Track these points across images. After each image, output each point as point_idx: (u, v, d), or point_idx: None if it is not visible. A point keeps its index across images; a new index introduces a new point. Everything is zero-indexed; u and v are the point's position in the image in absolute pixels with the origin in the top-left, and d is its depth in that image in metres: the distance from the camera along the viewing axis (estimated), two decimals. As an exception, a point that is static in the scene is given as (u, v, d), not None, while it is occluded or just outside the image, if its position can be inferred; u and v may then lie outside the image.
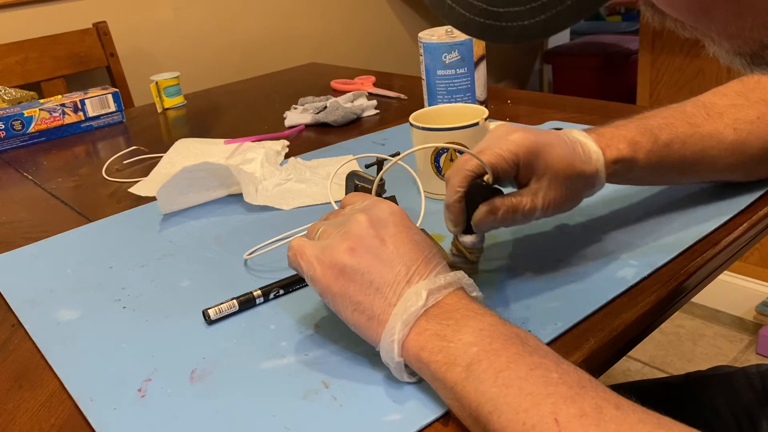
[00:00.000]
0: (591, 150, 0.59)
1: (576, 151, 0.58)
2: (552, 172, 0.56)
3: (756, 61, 0.34)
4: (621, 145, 0.60)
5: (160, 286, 0.65)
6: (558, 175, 0.56)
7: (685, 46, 1.66)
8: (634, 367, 1.74)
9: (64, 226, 0.82)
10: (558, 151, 0.56)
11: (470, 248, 0.57)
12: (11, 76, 1.51)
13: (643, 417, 0.37)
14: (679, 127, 0.62)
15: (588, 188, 0.60)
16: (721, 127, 0.63)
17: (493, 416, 0.39)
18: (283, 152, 0.98)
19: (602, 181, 0.60)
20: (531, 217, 0.57)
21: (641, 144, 0.60)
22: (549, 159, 0.56)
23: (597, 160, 0.58)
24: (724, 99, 0.65)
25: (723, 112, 0.64)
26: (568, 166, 0.57)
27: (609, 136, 0.60)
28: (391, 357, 0.46)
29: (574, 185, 0.58)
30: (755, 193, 0.67)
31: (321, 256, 0.49)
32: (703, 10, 0.32)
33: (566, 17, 0.31)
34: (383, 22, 2.22)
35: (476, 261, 0.58)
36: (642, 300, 0.54)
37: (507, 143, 0.56)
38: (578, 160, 0.57)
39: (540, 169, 0.56)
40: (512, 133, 0.57)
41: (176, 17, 1.81)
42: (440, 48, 0.94)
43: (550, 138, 0.57)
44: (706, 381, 0.77)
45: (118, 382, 0.52)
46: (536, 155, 0.56)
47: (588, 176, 0.58)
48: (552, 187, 0.56)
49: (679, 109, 0.65)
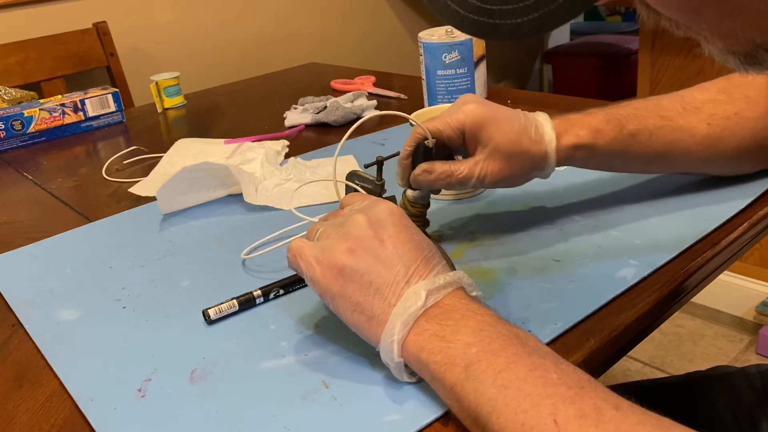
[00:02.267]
0: (544, 132, 0.61)
1: (527, 130, 0.60)
2: (494, 145, 0.59)
3: (749, 61, 0.34)
4: (582, 131, 0.62)
5: (160, 286, 0.65)
6: (500, 149, 0.59)
7: (685, 46, 1.66)
8: (634, 367, 1.74)
9: (64, 226, 0.82)
10: (506, 127, 0.59)
11: (412, 201, 0.63)
12: (11, 76, 1.51)
13: (643, 418, 0.37)
14: (648, 119, 0.64)
15: (536, 169, 0.62)
16: (694, 122, 0.64)
17: (492, 417, 0.39)
18: (283, 152, 0.98)
19: (552, 164, 0.62)
20: (466, 185, 0.61)
21: (604, 132, 0.62)
22: (494, 132, 0.59)
23: (549, 143, 0.61)
24: (704, 94, 0.66)
25: (700, 106, 0.65)
26: (512, 142, 0.59)
27: (572, 122, 0.63)
28: (390, 357, 0.46)
29: (517, 162, 0.60)
30: (755, 194, 0.67)
31: (320, 257, 0.49)
32: (694, 10, 0.32)
33: (558, 15, 0.32)
34: (383, 22, 2.22)
35: (420, 215, 0.63)
36: (642, 300, 0.54)
37: (458, 113, 0.60)
38: (527, 138, 0.60)
39: (483, 140, 0.60)
40: (467, 103, 0.61)
41: (176, 17, 1.81)
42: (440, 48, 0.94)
43: (503, 113, 0.60)
44: (706, 381, 0.77)
45: (118, 382, 0.52)
46: (482, 127, 0.59)
47: (534, 156, 0.61)
48: (492, 160, 0.60)
49: (654, 102, 0.66)
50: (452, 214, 0.72)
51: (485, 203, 0.75)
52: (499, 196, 0.75)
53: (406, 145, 0.61)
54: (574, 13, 0.32)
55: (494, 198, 0.75)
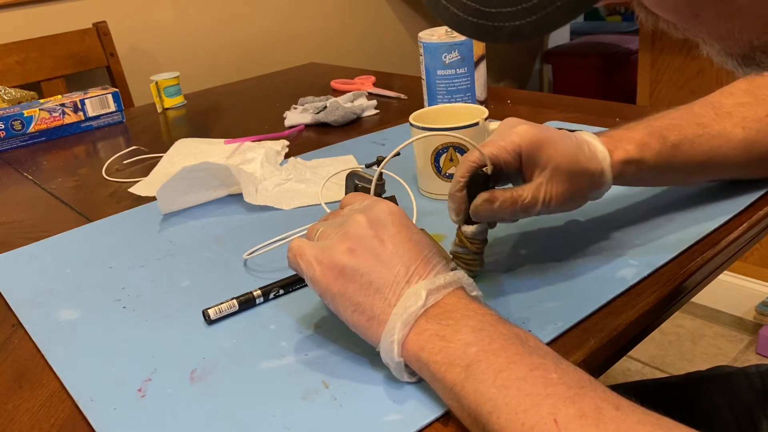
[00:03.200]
0: (597, 149, 0.59)
1: (581, 148, 0.58)
2: (554, 165, 0.56)
3: (747, 62, 0.34)
4: (629, 146, 0.60)
5: (160, 286, 0.65)
6: (561, 170, 0.56)
7: (685, 47, 1.66)
8: (634, 367, 1.74)
9: (64, 226, 0.82)
10: (562, 147, 0.57)
11: (470, 238, 0.57)
12: (11, 76, 1.51)
13: (643, 417, 0.37)
14: (687, 128, 0.63)
15: (594, 188, 0.60)
16: (729, 127, 0.63)
17: (492, 417, 0.39)
18: (283, 152, 0.98)
19: (609, 182, 0.60)
20: (532, 211, 0.57)
21: (650, 145, 0.61)
22: (552, 153, 0.56)
23: (603, 159, 0.59)
24: (731, 98, 0.65)
25: (731, 111, 0.64)
26: (571, 162, 0.57)
27: (617, 138, 0.61)
28: (390, 357, 0.46)
29: (577, 182, 0.58)
30: (755, 193, 0.67)
31: (320, 257, 0.49)
32: (692, 13, 0.32)
33: (557, 18, 0.32)
34: (383, 22, 2.22)
35: (478, 252, 0.58)
36: (642, 300, 0.54)
37: (511, 135, 0.57)
38: (583, 157, 0.58)
39: (543, 162, 0.56)
40: (518, 125, 0.58)
41: (176, 17, 1.81)
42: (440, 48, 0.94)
43: (555, 134, 0.58)
44: (706, 381, 0.77)
45: (118, 382, 0.52)
46: (539, 148, 0.56)
47: (593, 174, 0.58)
48: (554, 182, 0.56)
49: (687, 110, 0.65)
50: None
51: (485, 203, 0.74)
52: (499, 196, 0.75)
53: (459, 176, 0.56)
54: (573, 15, 0.32)
55: (494, 198, 0.75)
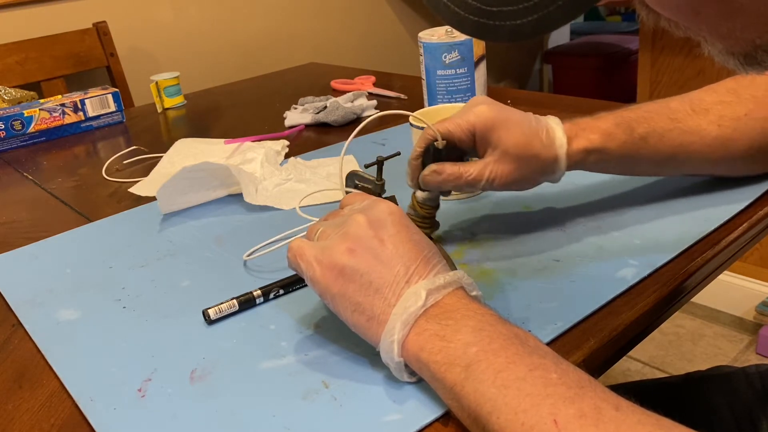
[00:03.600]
0: (555, 136, 0.61)
1: (538, 134, 0.60)
2: (504, 148, 0.59)
3: (749, 61, 0.34)
4: (593, 135, 0.62)
5: (160, 286, 0.65)
6: (510, 153, 0.59)
7: (686, 47, 1.66)
8: (634, 367, 1.74)
9: (64, 226, 0.82)
10: (516, 130, 0.59)
11: (420, 202, 0.62)
12: (11, 76, 1.51)
13: (642, 418, 0.37)
14: (658, 122, 0.64)
15: (546, 173, 0.62)
16: (704, 124, 0.64)
17: (492, 417, 0.39)
18: (283, 152, 0.98)
19: (562, 169, 0.62)
20: (476, 186, 0.61)
21: (615, 135, 0.62)
22: (504, 135, 0.59)
23: (560, 147, 0.61)
24: (713, 96, 0.66)
25: (709, 108, 0.65)
26: (523, 146, 0.59)
27: (583, 126, 0.62)
28: (390, 357, 0.46)
29: (527, 166, 0.60)
30: (755, 193, 0.67)
31: (320, 257, 0.49)
32: (693, 11, 0.32)
33: (557, 17, 0.32)
34: (383, 22, 2.22)
35: (428, 217, 0.63)
36: (642, 300, 0.54)
37: (468, 114, 0.60)
38: (537, 142, 0.60)
39: (493, 143, 0.59)
40: (478, 105, 0.61)
41: (176, 17, 1.81)
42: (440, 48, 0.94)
43: (514, 116, 0.60)
44: (706, 381, 0.77)
45: (118, 382, 0.52)
46: (492, 129, 0.59)
47: (545, 160, 0.60)
48: (501, 163, 0.60)
49: (663, 104, 0.66)
50: (452, 214, 0.72)
51: (486, 203, 0.75)
52: (499, 197, 0.75)
53: (417, 146, 0.61)
54: (574, 15, 0.32)
55: (495, 198, 0.75)
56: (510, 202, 0.73)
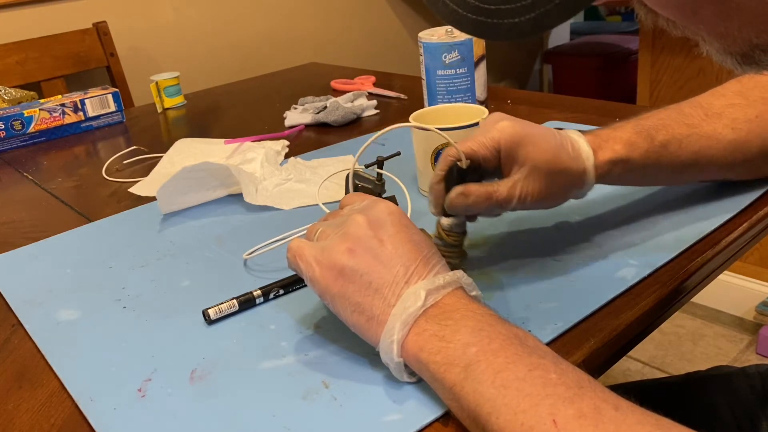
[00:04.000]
0: (581, 148, 0.59)
1: (564, 147, 0.58)
2: (533, 163, 0.56)
3: (746, 61, 0.34)
4: (617, 146, 0.60)
5: (160, 286, 0.65)
6: (539, 168, 0.56)
7: (686, 46, 1.66)
8: (634, 367, 1.74)
9: (64, 226, 0.82)
10: (543, 144, 0.56)
11: (446, 230, 0.58)
12: (11, 76, 1.51)
13: (642, 418, 0.37)
14: (675, 128, 0.63)
15: (575, 187, 0.60)
16: (719, 128, 0.63)
17: (491, 417, 0.39)
18: (283, 152, 0.98)
19: (591, 181, 0.60)
20: (507, 207, 0.57)
21: (637, 144, 0.61)
22: (532, 150, 0.56)
23: (587, 159, 0.58)
24: (722, 99, 0.65)
25: (721, 112, 0.64)
26: (551, 160, 0.56)
27: (604, 137, 0.61)
28: (390, 357, 0.46)
29: (557, 181, 0.58)
30: (755, 193, 0.67)
31: (320, 258, 0.49)
32: (691, 10, 0.32)
33: (556, 15, 0.32)
34: (383, 22, 2.22)
35: (456, 245, 0.58)
36: (642, 300, 0.54)
37: (491, 131, 0.57)
38: (565, 155, 0.57)
39: (521, 159, 0.56)
40: (500, 121, 0.58)
41: (176, 17, 1.81)
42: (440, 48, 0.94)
43: (538, 131, 0.58)
44: (706, 381, 0.77)
45: (118, 382, 0.52)
46: (518, 145, 0.56)
47: (574, 173, 0.58)
48: (531, 179, 0.56)
49: (676, 110, 0.65)
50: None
51: (485, 203, 0.74)
52: (499, 196, 0.75)
53: (438, 169, 0.57)
54: (572, 13, 0.32)
55: (494, 198, 0.75)
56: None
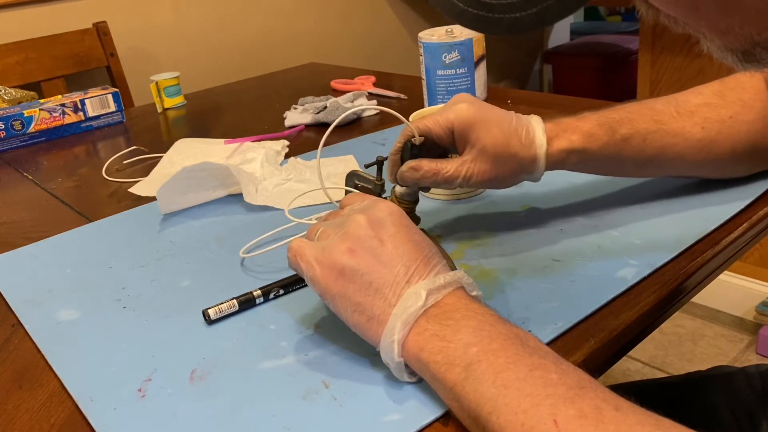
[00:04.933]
0: (535, 136, 0.61)
1: (518, 133, 0.60)
2: (482, 146, 0.59)
3: (747, 58, 0.34)
4: (574, 136, 0.62)
5: (160, 286, 0.65)
6: (487, 151, 0.60)
7: (686, 46, 1.66)
8: (634, 367, 1.74)
9: (64, 226, 0.82)
10: (495, 129, 0.59)
11: (398, 197, 0.64)
12: (11, 76, 1.51)
13: (642, 418, 0.37)
14: (641, 123, 0.64)
15: (524, 172, 0.62)
16: (689, 126, 0.64)
17: (492, 417, 0.39)
18: (283, 152, 0.98)
19: (541, 168, 0.62)
20: (452, 183, 0.61)
21: (597, 136, 0.62)
22: (482, 134, 0.59)
23: (539, 147, 0.61)
24: (698, 97, 0.66)
25: (694, 110, 0.65)
26: (500, 144, 0.60)
27: (564, 127, 0.63)
28: (391, 357, 0.46)
29: (504, 165, 0.60)
30: (755, 193, 0.67)
31: (320, 257, 0.49)
32: (692, 7, 0.32)
33: (556, 10, 0.32)
34: (383, 22, 2.22)
35: (408, 211, 0.63)
36: (642, 300, 0.54)
37: (448, 112, 0.61)
38: (516, 142, 0.60)
39: (472, 141, 0.60)
40: (458, 103, 0.61)
41: (176, 17, 1.81)
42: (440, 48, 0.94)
43: (495, 115, 0.61)
44: (706, 381, 0.77)
45: (118, 382, 0.52)
46: (471, 127, 0.59)
47: (523, 159, 0.61)
48: (479, 161, 0.60)
49: (647, 105, 0.66)
50: (452, 214, 0.73)
51: (485, 203, 0.75)
52: (499, 196, 0.75)
53: (397, 142, 0.62)
54: (573, 8, 0.32)
55: (494, 198, 0.75)
56: (510, 202, 0.73)
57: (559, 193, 0.74)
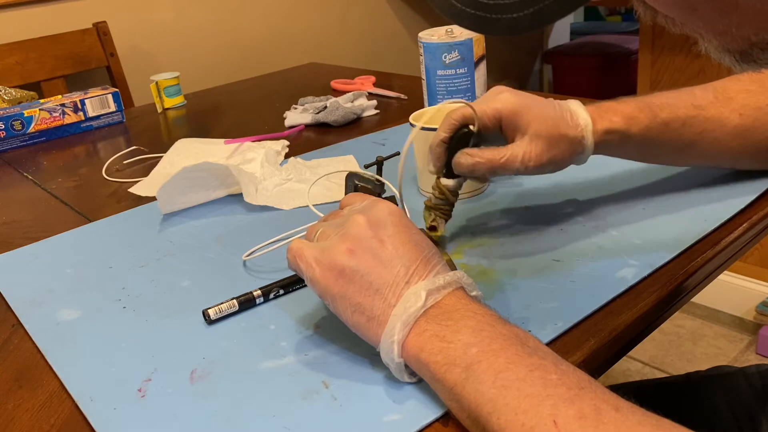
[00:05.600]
0: (579, 116, 0.61)
1: (563, 116, 0.61)
2: (534, 130, 0.59)
3: (745, 59, 0.34)
4: (615, 117, 0.62)
5: (160, 286, 0.65)
6: (540, 134, 0.59)
7: (686, 46, 1.66)
8: (634, 367, 1.74)
9: (64, 226, 0.82)
10: (541, 113, 0.60)
11: (452, 190, 0.62)
12: (11, 76, 1.51)
13: (642, 419, 0.37)
14: (681, 108, 0.64)
15: (574, 153, 0.62)
16: (726, 112, 0.64)
17: (492, 417, 0.39)
18: (283, 152, 0.98)
19: (589, 148, 0.62)
20: (510, 169, 0.60)
21: (638, 119, 0.63)
22: (532, 119, 0.59)
23: (585, 127, 0.61)
24: (737, 84, 0.66)
25: (733, 96, 0.65)
26: (551, 126, 0.60)
27: (605, 109, 0.63)
28: (391, 358, 0.46)
29: (556, 146, 0.60)
30: (755, 193, 0.67)
31: (320, 258, 0.49)
32: (689, 7, 0.32)
33: (555, 10, 0.32)
34: (383, 22, 2.22)
35: (453, 204, 0.63)
36: (642, 300, 0.54)
37: (493, 101, 0.60)
38: (563, 123, 0.60)
39: (522, 127, 0.60)
40: (501, 93, 0.61)
41: (176, 17, 1.81)
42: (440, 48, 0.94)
43: (537, 101, 0.61)
44: (706, 381, 0.77)
45: (118, 382, 0.52)
46: (519, 114, 0.60)
47: (572, 140, 0.61)
48: (533, 144, 0.60)
49: (686, 92, 0.66)
50: (453, 214, 0.72)
51: (485, 203, 0.75)
52: (499, 196, 0.75)
53: (441, 131, 0.60)
54: (570, 8, 0.32)
55: (494, 198, 0.75)
56: (510, 202, 0.73)
57: (560, 193, 0.74)
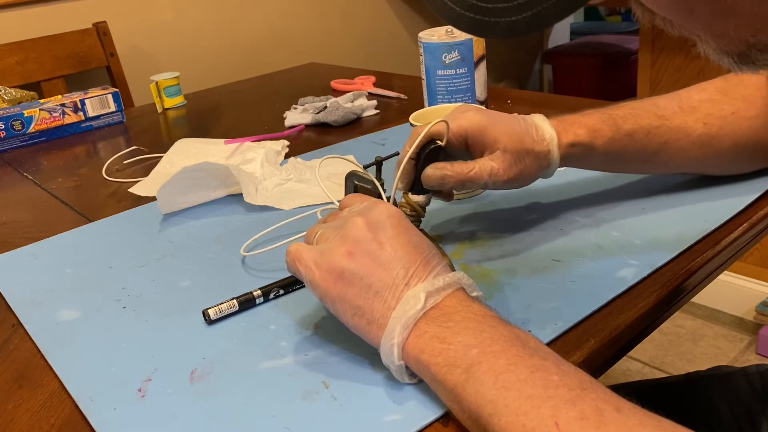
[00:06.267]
0: (545, 131, 0.62)
1: (528, 131, 0.61)
2: (501, 145, 0.60)
3: (743, 60, 0.34)
4: (579, 130, 0.63)
5: (160, 286, 0.65)
6: (507, 149, 0.60)
7: (685, 46, 1.66)
8: (634, 367, 1.74)
9: (64, 226, 0.82)
10: (507, 128, 0.61)
11: (423, 205, 0.62)
12: (11, 76, 1.51)
13: (644, 420, 0.37)
14: (644, 119, 0.65)
15: (541, 167, 0.63)
16: (690, 122, 0.65)
17: (493, 419, 0.39)
18: (283, 152, 0.98)
19: (555, 162, 0.63)
20: (477, 183, 0.61)
21: (601, 131, 0.63)
22: (498, 135, 0.60)
23: (551, 141, 0.62)
24: (702, 94, 0.67)
25: (696, 106, 0.66)
26: (517, 142, 0.60)
27: (569, 122, 0.64)
28: (391, 360, 0.46)
29: (523, 160, 0.61)
30: (755, 193, 0.67)
31: (319, 261, 0.49)
32: (687, 10, 0.32)
33: (552, 14, 0.32)
34: (383, 22, 2.22)
35: (422, 218, 0.63)
36: (642, 300, 0.54)
37: (459, 119, 0.61)
38: (529, 138, 0.61)
39: (489, 142, 0.60)
40: (467, 111, 0.62)
41: (176, 17, 1.81)
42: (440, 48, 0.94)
43: (502, 118, 0.62)
44: (706, 381, 0.77)
45: (118, 382, 0.52)
46: (485, 131, 0.60)
47: (538, 154, 0.61)
48: (500, 160, 0.60)
49: (650, 102, 0.67)
50: (452, 214, 0.72)
51: (485, 203, 0.75)
52: (499, 196, 0.75)
53: (408, 147, 0.60)
54: (568, 11, 0.32)
55: (494, 198, 0.75)
56: (510, 202, 0.73)
57: (559, 193, 0.74)
